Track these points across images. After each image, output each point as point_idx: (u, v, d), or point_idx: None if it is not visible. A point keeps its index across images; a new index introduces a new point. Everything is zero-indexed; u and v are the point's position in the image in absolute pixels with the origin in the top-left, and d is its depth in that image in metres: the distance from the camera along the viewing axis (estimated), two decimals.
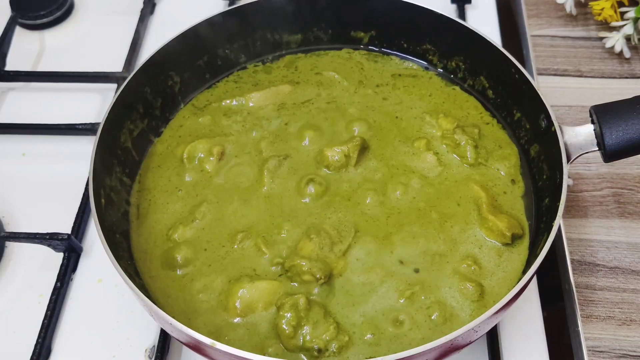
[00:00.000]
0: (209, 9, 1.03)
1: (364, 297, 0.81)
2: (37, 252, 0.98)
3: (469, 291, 0.81)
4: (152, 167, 0.96)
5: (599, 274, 0.96)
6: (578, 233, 1.00)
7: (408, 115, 1.00)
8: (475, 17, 1.27)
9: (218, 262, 0.85)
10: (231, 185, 0.93)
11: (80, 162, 0.97)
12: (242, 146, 0.97)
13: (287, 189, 0.92)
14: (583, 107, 1.14)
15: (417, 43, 1.07)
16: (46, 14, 1.29)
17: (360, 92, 1.04)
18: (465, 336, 0.71)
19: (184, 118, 1.02)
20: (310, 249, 0.84)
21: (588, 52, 1.23)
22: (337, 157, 0.93)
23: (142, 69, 0.95)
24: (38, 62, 1.26)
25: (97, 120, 1.11)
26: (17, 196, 1.06)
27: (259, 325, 0.80)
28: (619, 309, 0.92)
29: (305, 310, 0.79)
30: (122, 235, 0.88)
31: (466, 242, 0.86)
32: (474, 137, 0.96)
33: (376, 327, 0.79)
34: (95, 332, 0.91)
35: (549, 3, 1.30)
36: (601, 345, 0.90)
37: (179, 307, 0.82)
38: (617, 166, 1.06)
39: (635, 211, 1.01)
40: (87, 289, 0.96)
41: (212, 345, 0.69)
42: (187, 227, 0.88)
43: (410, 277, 0.83)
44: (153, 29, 1.30)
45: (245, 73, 1.08)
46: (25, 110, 1.18)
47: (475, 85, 1.03)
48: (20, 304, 0.95)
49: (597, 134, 0.84)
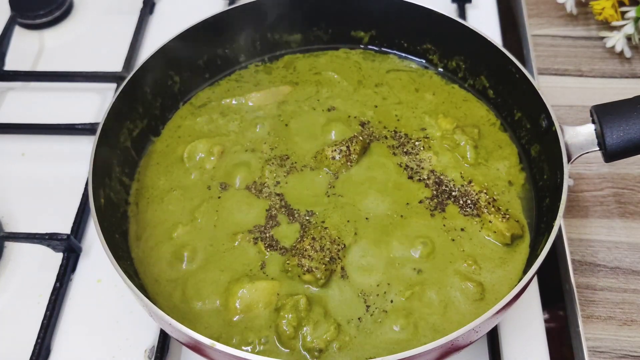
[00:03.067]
0: (208, 9, 1.03)
1: (364, 297, 0.81)
2: (37, 252, 0.98)
3: (470, 291, 0.81)
4: (152, 164, 0.96)
5: (599, 274, 0.95)
6: (579, 233, 0.99)
7: (408, 115, 1.00)
8: (475, 16, 1.27)
9: (218, 262, 0.85)
10: (231, 185, 0.93)
11: (79, 162, 0.97)
12: (242, 146, 0.97)
13: (287, 188, 0.91)
14: (584, 106, 1.14)
15: (418, 42, 1.06)
16: (45, 13, 1.29)
17: (360, 92, 1.04)
18: (465, 336, 0.71)
19: (182, 118, 1.02)
20: (311, 249, 0.83)
21: (589, 51, 1.23)
22: (337, 156, 0.93)
23: (142, 69, 0.95)
24: (37, 62, 1.26)
25: (96, 120, 1.11)
26: (16, 196, 1.06)
27: (259, 325, 0.80)
28: (620, 309, 0.92)
29: (306, 311, 0.79)
30: (122, 235, 0.88)
31: (466, 242, 0.86)
32: (474, 137, 0.96)
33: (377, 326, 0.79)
34: (94, 333, 0.91)
35: (550, 3, 1.30)
36: (602, 345, 0.89)
37: (179, 307, 0.82)
38: (617, 166, 1.06)
39: (636, 211, 1.01)
40: (87, 289, 0.96)
41: (212, 346, 0.69)
42: (187, 226, 0.88)
43: (411, 276, 0.83)
44: (152, 29, 1.30)
45: (247, 72, 1.08)
46: (25, 110, 1.18)
47: (475, 84, 1.03)
48: (20, 304, 0.95)
49: (598, 134, 0.84)
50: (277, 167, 0.94)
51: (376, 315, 0.80)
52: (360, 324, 0.79)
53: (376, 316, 0.80)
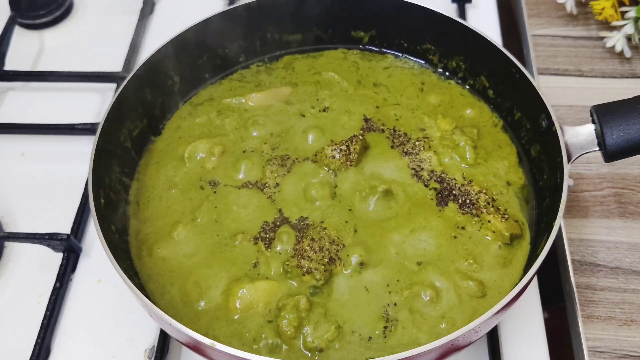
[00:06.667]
0: (208, 9, 1.03)
1: (364, 297, 0.81)
2: (37, 252, 0.98)
3: (470, 290, 0.81)
4: (152, 164, 0.96)
5: (599, 274, 0.95)
6: (579, 233, 0.99)
7: (407, 115, 1.00)
8: (475, 16, 1.27)
9: (218, 261, 0.85)
10: (232, 185, 0.93)
11: (79, 162, 0.97)
12: (243, 146, 0.97)
13: (287, 189, 0.91)
14: (584, 106, 1.14)
15: (418, 42, 1.06)
16: (45, 13, 1.29)
17: (359, 92, 1.04)
18: (465, 336, 0.71)
19: (182, 118, 1.02)
20: (310, 250, 0.83)
21: (589, 51, 1.23)
22: (337, 156, 0.93)
23: (142, 69, 0.95)
24: (37, 62, 1.26)
25: (96, 120, 1.11)
26: (16, 196, 1.06)
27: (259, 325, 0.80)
28: (620, 309, 0.92)
29: (306, 311, 0.79)
30: (122, 235, 0.88)
31: (467, 240, 0.86)
32: (473, 137, 0.96)
33: (377, 326, 0.79)
34: (94, 333, 0.91)
35: (550, 2, 1.30)
36: (602, 345, 0.89)
37: (179, 307, 0.82)
38: (617, 166, 1.06)
39: (636, 211, 1.01)
40: (87, 290, 0.96)
41: (212, 346, 0.69)
42: (187, 225, 0.88)
43: (411, 275, 0.83)
44: (152, 29, 1.30)
45: (249, 72, 1.08)
46: (25, 110, 1.18)
47: (475, 85, 1.03)
48: (20, 304, 0.95)
49: (598, 134, 0.84)
50: (278, 167, 0.94)
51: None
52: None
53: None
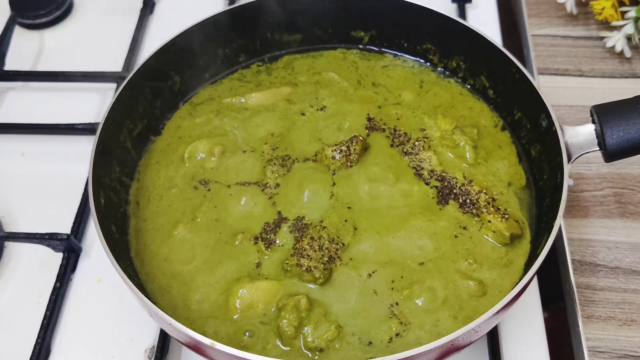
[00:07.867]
0: (208, 9, 1.03)
1: (364, 296, 0.81)
2: (37, 252, 0.98)
3: (470, 289, 0.81)
4: (152, 164, 0.96)
5: (599, 274, 0.95)
6: (579, 233, 0.99)
7: (407, 114, 1.00)
8: (475, 16, 1.27)
9: (218, 261, 0.85)
10: (232, 185, 0.93)
11: (79, 162, 0.97)
12: (243, 146, 0.97)
13: (288, 189, 0.91)
14: (584, 106, 1.14)
15: (418, 42, 1.06)
16: (45, 13, 1.29)
17: (359, 92, 1.04)
18: (465, 336, 0.71)
19: (182, 118, 1.02)
20: (310, 249, 0.83)
21: (589, 51, 1.22)
22: (337, 157, 0.93)
23: (142, 69, 0.95)
24: (37, 62, 1.26)
25: (96, 120, 1.11)
26: (16, 196, 1.06)
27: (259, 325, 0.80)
28: (620, 309, 0.92)
29: (307, 311, 0.79)
30: (122, 235, 0.88)
31: (467, 240, 0.86)
32: (473, 137, 0.96)
33: (377, 326, 0.79)
34: (94, 332, 0.91)
35: (550, 2, 1.30)
36: (602, 345, 0.89)
37: (179, 307, 0.82)
38: (617, 166, 1.06)
39: (636, 211, 1.01)
40: (87, 289, 0.96)
41: (212, 346, 0.69)
42: (187, 225, 0.88)
43: (411, 275, 0.83)
44: (152, 29, 1.30)
45: (249, 72, 1.08)
46: (25, 110, 1.18)
47: (475, 84, 1.03)
48: (20, 304, 0.95)
49: (598, 134, 0.83)
50: (278, 167, 0.94)
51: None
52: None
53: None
